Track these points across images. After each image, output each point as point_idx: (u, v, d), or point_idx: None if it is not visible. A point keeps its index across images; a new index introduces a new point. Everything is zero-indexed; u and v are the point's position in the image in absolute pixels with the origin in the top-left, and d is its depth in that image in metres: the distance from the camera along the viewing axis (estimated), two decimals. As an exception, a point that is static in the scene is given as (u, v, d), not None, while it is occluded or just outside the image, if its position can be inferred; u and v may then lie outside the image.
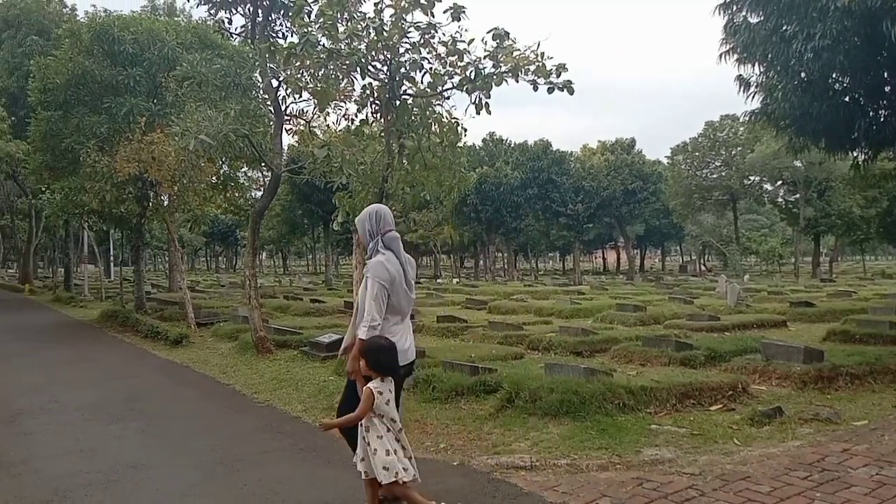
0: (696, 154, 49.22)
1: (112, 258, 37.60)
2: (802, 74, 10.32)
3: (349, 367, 4.28)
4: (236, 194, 19.87)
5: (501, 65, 7.51)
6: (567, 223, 50.25)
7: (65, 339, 14.39)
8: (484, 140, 52.44)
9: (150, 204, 16.70)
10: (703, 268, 66.12)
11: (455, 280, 42.26)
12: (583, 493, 4.60)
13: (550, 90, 7.57)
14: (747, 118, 12.50)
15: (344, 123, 9.26)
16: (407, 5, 7.37)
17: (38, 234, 33.47)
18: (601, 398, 6.40)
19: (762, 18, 10.39)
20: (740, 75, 11.80)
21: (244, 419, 7.25)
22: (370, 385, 4.08)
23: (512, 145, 52.64)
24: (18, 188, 31.20)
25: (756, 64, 11.05)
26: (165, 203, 16.15)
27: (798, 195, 44.07)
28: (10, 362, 11.40)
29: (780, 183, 47.28)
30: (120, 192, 15.21)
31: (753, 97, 11.87)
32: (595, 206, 48.82)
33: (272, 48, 8.40)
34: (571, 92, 7.60)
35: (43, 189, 22.08)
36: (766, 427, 6.09)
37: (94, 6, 24.82)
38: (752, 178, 47.95)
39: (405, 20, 7.47)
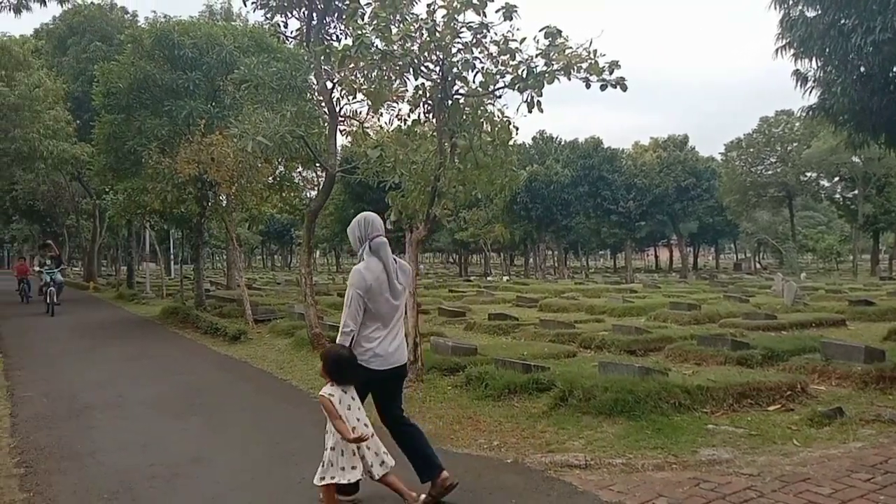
0: (751, 150, 48.11)
1: (172, 256, 38.76)
2: (862, 69, 10.00)
3: None
4: (291, 194, 20.26)
5: (553, 63, 7.50)
6: (619, 221, 49.70)
7: (128, 336, 14.90)
8: (534, 138, 52.28)
9: (210, 204, 17.11)
10: (758, 266, 64.54)
11: (505, 278, 42.18)
12: (638, 492, 4.58)
13: (603, 87, 7.53)
14: (804, 114, 12.13)
15: (396, 123, 9.40)
16: (459, 6, 7.42)
17: (102, 233, 34.65)
18: (656, 397, 6.36)
19: (819, 12, 10.12)
20: (797, 70, 11.49)
21: (301, 414, 7.39)
22: (322, 391, 4.34)
23: (562, 143, 52.32)
24: (83, 189, 32.41)
25: (813, 58, 10.75)
26: (224, 203, 16.59)
27: (856, 191, 42.72)
28: (77, 358, 11.83)
29: (837, 179, 45.98)
30: (180, 192, 15.65)
31: (811, 92, 11.54)
32: (647, 204, 48.15)
33: (327, 51, 8.55)
34: (624, 89, 7.55)
35: (106, 190, 22.87)
36: (827, 428, 5.97)
37: (154, 12, 25.73)
38: (808, 174, 46.71)
39: (457, 21, 7.52)
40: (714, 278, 37.42)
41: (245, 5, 16.36)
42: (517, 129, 8.16)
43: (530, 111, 7.80)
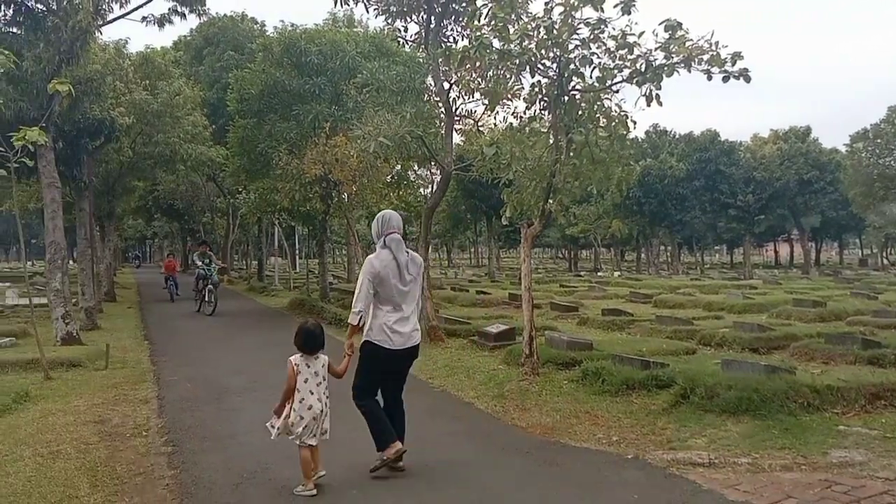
0: (878, 141, 44.46)
1: (297, 251, 40.69)
2: None
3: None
4: (408, 192, 20.87)
5: (673, 56, 7.40)
6: (736, 215, 47.52)
7: (260, 325, 15.87)
8: (647, 132, 50.84)
9: (333, 202, 17.92)
10: (885, 261, 59.78)
11: (616, 273, 41.37)
12: (766, 493, 4.51)
13: (725, 79, 7.35)
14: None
15: (512, 121, 9.53)
16: (577, 2, 7.46)
17: (235, 230, 36.80)
18: (783, 396, 6.18)
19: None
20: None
21: (422, 402, 7.60)
22: (291, 357, 4.93)
23: (677, 136, 50.61)
24: (217, 189, 34.60)
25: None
26: (346, 201, 17.34)
27: None
28: (215, 345, 12.75)
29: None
30: (307, 191, 16.47)
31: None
32: (767, 198, 45.83)
33: (446, 52, 8.80)
34: (748, 80, 7.34)
35: (239, 189, 24.39)
36: (971, 433, 5.62)
37: (282, 21, 27.06)
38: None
39: (574, 17, 7.57)
40: (838, 274, 35.28)
41: (367, 12, 16.96)
42: (634, 123, 8.09)
43: (649, 105, 7.73)
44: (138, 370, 9.95)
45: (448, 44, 11.25)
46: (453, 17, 11.23)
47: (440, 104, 11.57)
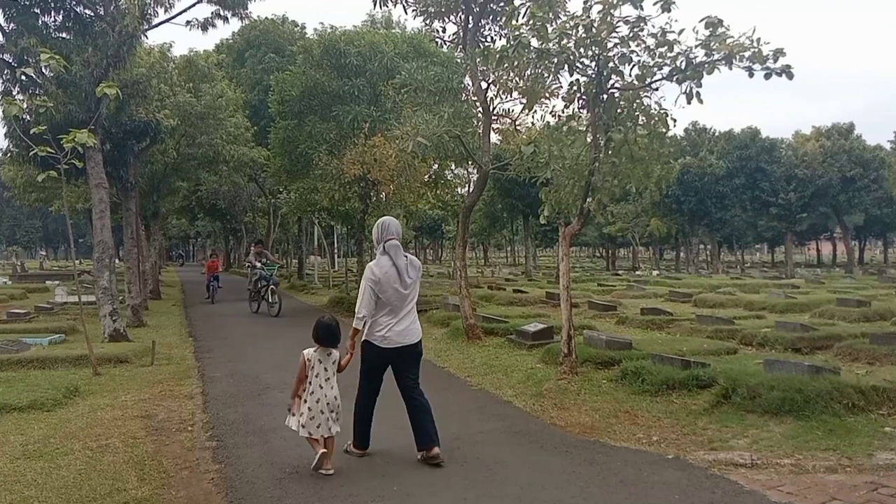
0: (925, 138, 43.21)
1: (336, 250, 41.13)
2: None
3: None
4: (445, 191, 20.94)
5: (714, 53, 7.33)
6: (778, 213, 46.59)
7: (300, 322, 16.05)
8: (686, 129, 50.14)
9: (372, 201, 18.10)
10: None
11: (655, 272, 40.90)
12: (810, 494, 4.47)
13: (767, 76, 7.25)
14: None
15: (550, 120, 9.52)
16: (616, 0, 7.44)
17: (275, 229, 37.40)
18: (827, 397, 6.08)
19: None
20: None
21: (460, 400, 7.72)
22: (305, 350, 5.26)
23: (716, 134, 49.83)
24: (259, 189, 35.16)
25: None
26: (384, 200, 17.49)
27: None
28: (256, 342, 12.97)
29: None
30: (346, 191, 16.67)
31: None
32: (809, 196, 44.90)
33: (485, 52, 8.83)
34: (790, 77, 7.22)
35: (280, 189, 24.74)
36: None
37: (321, 23, 27.36)
38: None
39: (613, 15, 7.54)
40: (883, 273, 34.33)
41: (405, 13, 17.08)
42: (674, 121, 8.02)
43: (689, 102, 7.66)
44: (183, 366, 10.17)
45: (486, 44, 11.27)
46: (491, 17, 11.24)
47: (478, 104, 11.60)
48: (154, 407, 7.47)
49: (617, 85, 8.04)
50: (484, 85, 11.23)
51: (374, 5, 11.87)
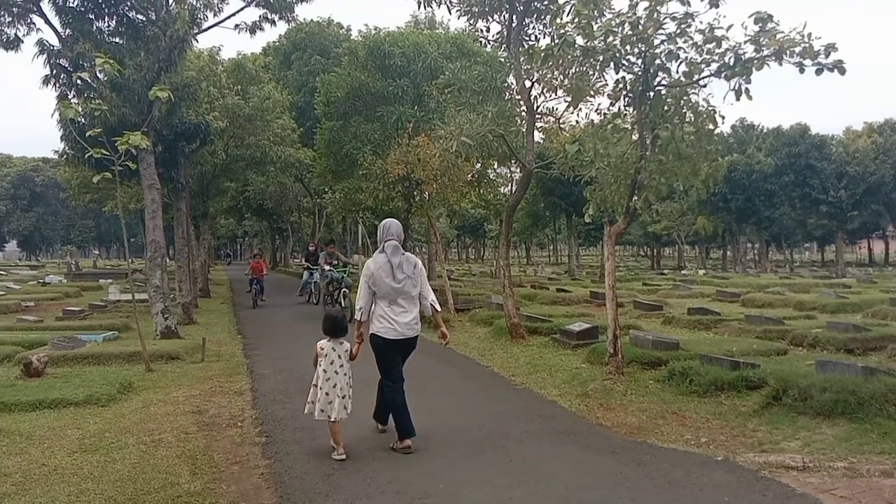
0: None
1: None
2: None
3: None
4: (487, 190, 20.95)
5: (763, 49, 7.19)
6: (828, 211, 45.44)
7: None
8: (733, 126, 49.23)
9: (415, 200, 18.20)
10: None
11: (701, 271, 40.21)
12: (864, 498, 4.38)
13: (819, 71, 7.09)
14: None
15: (594, 117, 9.44)
16: (663, -3, 7.36)
17: (320, 228, 37.90)
18: (882, 399, 5.93)
19: None
20: None
21: (504, 399, 7.71)
22: (319, 342, 5.73)
23: (764, 131, 48.79)
24: (304, 189, 35.67)
25: None
26: (427, 199, 17.58)
27: None
28: (303, 339, 13.04)
29: None
30: (390, 190, 16.80)
31: None
32: (860, 193, 43.73)
33: (529, 51, 8.82)
34: (843, 72, 7.04)
35: (325, 189, 25.05)
36: None
37: (366, 25, 27.68)
38: None
39: (660, 12, 7.45)
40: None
41: (449, 13, 17.10)
42: (723, 118, 7.89)
43: (738, 99, 7.55)
44: (232, 363, 10.37)
45: (530, 42, 11.24)
46: (535, 16, 11.20)
47: (521, 102, 11.57)
48: (205, 403, 7.64)
49: (664, 82, 7.95)
50: (528, 84, 11.20)
51: (419, 6, 11.96)
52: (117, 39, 13.50)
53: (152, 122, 12.98)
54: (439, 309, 6.30)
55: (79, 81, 12.58)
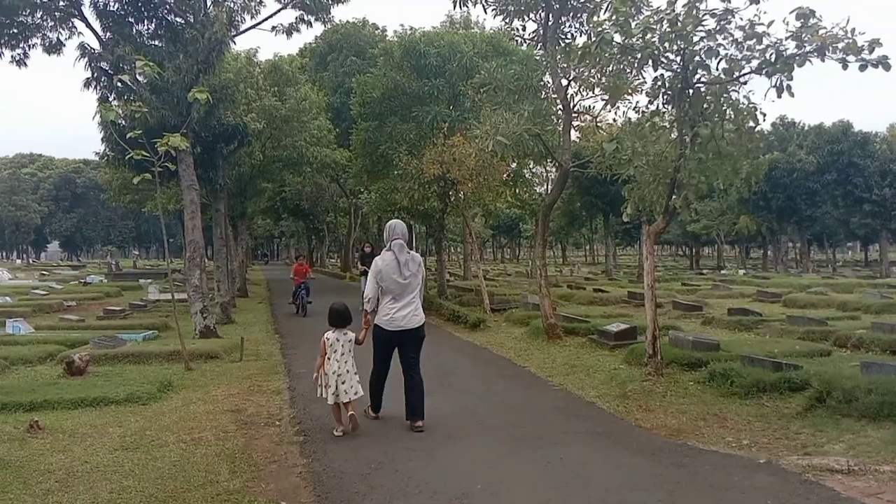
0: None
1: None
2: None
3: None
4: (523, 189, 20.87)
5: (806, 45, 7.04)
6: (872, 210, 44.34)
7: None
8: (773, 124, 48.27)
9: (451, 200, 18.21)
10: None
11: (741, 271, 39.52)
12: (913, 503, 4.26)
13: (863, 68, 6.91)
14: None
15: (632, 116, 9.33)
16: (701, -7, 7.24)
17: (356, 228, 38.18)
18: (931, 402, 5.76)
19: None
20: None
21: (541, 400, 7.67)
22: (325, 333, 6.38)
23: (805, 128, 47.78)
24: (340, 189, 35.95)
25: None
26: (463, 199, 17.58)
27: None
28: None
29: None
30: (425, 190, 16.81)
31: None
32: (906, 191, 42.55)
33: (567, 49, 8.75)
34: (887, 68, 6.85)
35: (361, 190, 25.22)
36: None
37: (401, 25, 27.79)
38: None
39: (699, 8, 7.35)
40: None
41: (485, 13, 17.10)
42: (764, 115, 7.74)
43: (779, 96, 7.40)
44: (270, 362, 10.48)
45: (566, 41, 11.15)
46: (571, 14, 11.11)
47: (558, 101, 11.49)
48: (243, 402, 7.72)
49: (703, 79, 7.83)
50: (564, 82, 11.13)
51: (454, 6, 11.92)
52: (156, 42, 13.74)
53: (191, 123, 13.18)
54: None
55: (119, 84, 12.86)
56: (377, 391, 6.79)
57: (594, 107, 12.49)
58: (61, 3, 13.55)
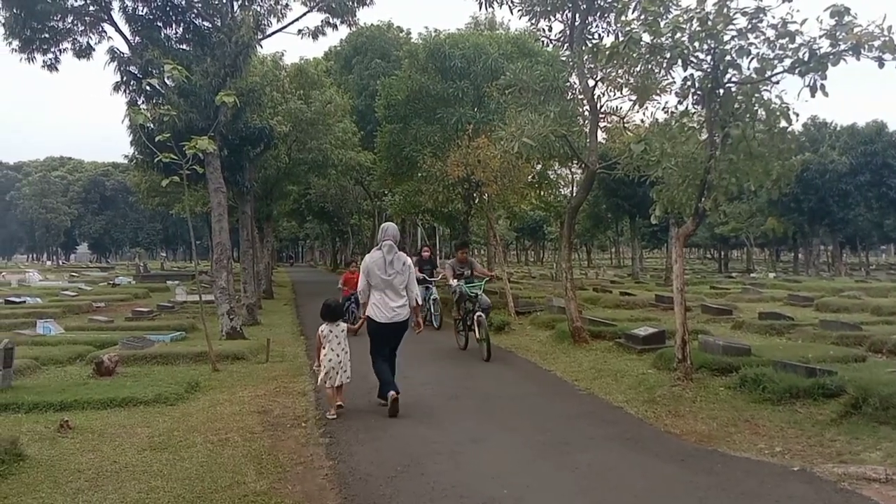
0: None
1: (438, 251, 41.67)
2: None
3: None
4: (548, 191, 20.75)
5: (840, 43, 6.88)
6: (906, 212, 43.50)
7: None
8: (805, 125, 47.53)
9: (475, 202, 18.17)
10: None
11: (771, 275, 38.91)
12: (954, 514, 4.12)
13: (900, 66, 6.74)
14: None
15: (660, 116, 9.19)
16: (732, -8, 7.12)
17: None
18: (971, 409, 5.58)
19: None
20: None
21: (567, 404, 7.58)
22: (320, 326, 7.27)
23: (838, 128, 46.95)
24: (364, 192, 36.07)
25: None
26: (487, 201, 17.52)
27: None
28: (365, 342, 13.18)
29: None
30: (450, 192, 16.82)
31: None
32: (942, 192, 41.67)
33: (594, 49, 8.66)
34: (927, 66, 6.68)
35: (385, 192, 25.28)
36: None
37: (426, 27, 27.94)
38: None
39: (730, 7, 7.22)
40: None
41: (511, 13, 17.01)
42: (797, 115, 7.57)
43: (813, 95, 7.24)
44: (296, 364, 10.50)
45: (593, 41, 11.04)
46: (599, 14, 10.99)
47: (584, 102, 11.37)
48: (270, 403, 7.73)
49: (734, 79, 7.70)
50: (591, 83, 11.01)
51: (479, 7, 11.90)
52: (184, 46, 13.88)
53: (218, 126, 13.26)
54: (420, 303, 8.34)
55: (148, 87, 13.00)
56: (384, 379, 7.30)
57: (621, 107, 12.37)
58: (91, 9, 13.74)
